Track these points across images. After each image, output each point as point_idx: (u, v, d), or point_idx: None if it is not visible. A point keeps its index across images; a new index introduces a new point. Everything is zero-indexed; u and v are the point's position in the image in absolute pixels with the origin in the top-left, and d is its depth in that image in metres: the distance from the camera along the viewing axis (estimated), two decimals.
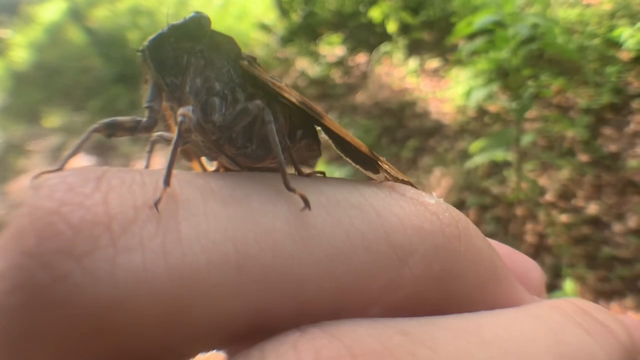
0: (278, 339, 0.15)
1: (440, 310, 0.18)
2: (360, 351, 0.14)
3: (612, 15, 2.09)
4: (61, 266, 0.13)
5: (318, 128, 0.26)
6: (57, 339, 0.13)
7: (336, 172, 1.42)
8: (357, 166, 0.25)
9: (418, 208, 0.19)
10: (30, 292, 0.13)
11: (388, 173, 0.25)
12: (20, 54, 4.96)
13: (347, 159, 0.25)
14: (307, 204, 0.17)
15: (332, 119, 0.24)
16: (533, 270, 0.24)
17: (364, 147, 0.24)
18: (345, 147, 0.25)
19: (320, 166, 0.27)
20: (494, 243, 0.22)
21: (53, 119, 3.90)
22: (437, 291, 0.18)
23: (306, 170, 0.24)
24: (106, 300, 0.13)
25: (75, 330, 0.13)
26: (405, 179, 0.24)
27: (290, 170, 0.23)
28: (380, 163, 0.25)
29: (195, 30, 0.22)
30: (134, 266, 0.14)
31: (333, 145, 0.25)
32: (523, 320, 0.18)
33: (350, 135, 0.24)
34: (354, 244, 0.17)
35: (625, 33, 1.98)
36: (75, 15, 4.45)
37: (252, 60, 0.24)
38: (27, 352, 0.13)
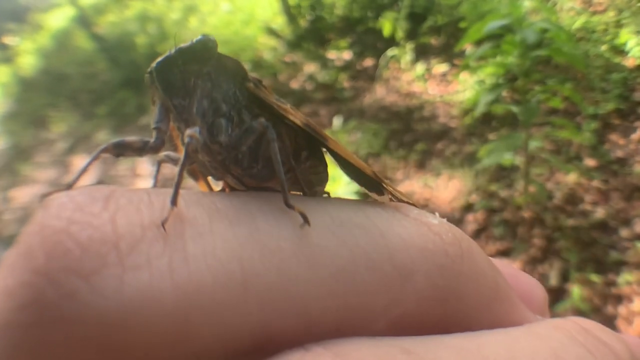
0: (282, 357, 0.15)
1: (443, 329, 0.18)
2: None
3: (618, 22, 2.11)
4: (69, 284, 0.14)
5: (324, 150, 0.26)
6: (65, 356, 0.14)
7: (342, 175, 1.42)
8: (362, 187, 0.26)
9: (421, 228, 0.19)
10: (38, 310, 0.13)
11: (392, 194, 0.25)
12: (28, 60, 4.99)
13: (352, 180, 0.26)
14: (306, 220, 0.17)
15: (336, 141, 0.24)
16: (536, 289, 0.24)
17: (368, 170, 0.25)
18: (350, 169, 0.25)
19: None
20: (497, 262, 0.22)
21: (60, 124, 3.92)
22: (440, 310, 0.18)
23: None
24: (113, 318, 0.14)
25: (83, 348, 0.14)
26: (410, 201, 0.25)
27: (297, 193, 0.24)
28: (384, 185, 0.25)
29: (202, 53, 0.23)
30: (141, 284, 0.14)
31: (338, 167, 0.26)
32: (525, 339, 0.18)
33: (354, 157, 0.24)
34: (358, 264, 0.17)
35: (631, 40, 1.99)
36: (83, 21, 4.47)
37: (258, 82, 0.24)
38: None
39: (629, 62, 1.99)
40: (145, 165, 2.82)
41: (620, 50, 2.03)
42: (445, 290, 0.18)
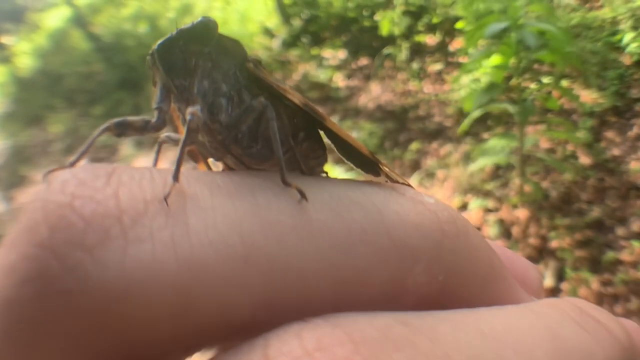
0: (282, 328, 0.15)
1: (439, 306, 0.18)
2: (361, 338, 0.14)
3: (614, 19, 2.10)
4: (73, 257, 0.14)
5: (321, 132, 0.26)
6: (68, 328, 0.14)
7: (341, 176, 1.42)
8: (359, 169, 0.26)
9: (418, 206, 0.19)
10: (42, 283, 0.13)
11: (388, 176, 0.25)
12: (25, 61, 5.00)
13: (349, 162, 0.26)
14: (303, 196, 0.18)
15: (333, 122, 0.24)
16: (531, 271, 0.24)
17: (365, 150, 0.25)
18: (347, 150, 0.25)
19: (326, 168, 0.28)
20: (492, 245, 0.22)
21: (57, 125, 3.92)
22: (435, 287, 0.18)
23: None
24: (116, 290, 0.14)
25: (86, 320, 0.14)
26: (405, 182, 0.24)
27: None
28: (381, 166, 0.25)
29: (203, 34, 0.23)
30: (143, 257, 0.14)
31: (335, 148, 0.26)
32: (521, 315, 0.18)
33: (351, 137, 0.24)
34: (355, 238, 0.17)
35: (627, 37, 1.99)
36: (79, 21, 4.48)
37: (258, 62, 0.24)
38: (39, 342, 0.14)
39: (626, 58, 1.98)
40: (142, 159, 2.82)
41: (616, 47, 2.02)
42: (441, 267, 0.18)
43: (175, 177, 0.17)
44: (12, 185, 3.41)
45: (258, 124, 0.24)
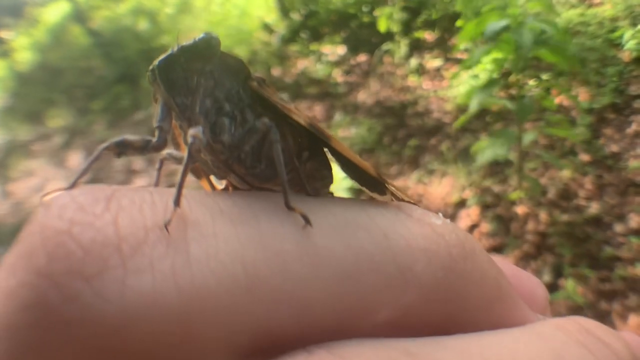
0: (285, 359, 0.15)
1: (445, 331, 0.18)
2: None
3: (614, 16, 2.09)
4: (71, 286, 0.14)
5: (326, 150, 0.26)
6: (67, 357, 0.14)
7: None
8: (364, 188, 0.25)
9: (425, 229, 0.19)
10: (40, 311, 0.13)
11: (394, 195, 0.25)
12: (24, 55, 4.98)
13: (353, 180, 0.25)
14: (307, 221, 0.17)
15: (339, 141, 0.24)
16: (537, 288, 0.24)
17: (370, 169, 0.24)
18: (352, 169, 0.25)
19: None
20: (498, 261, 0.22)
21: (56, 119, 3.91)
22: (442, 311, 0.18)
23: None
24: (115, 321, 0.14)
25: (84, 351, 0.14)
26: (412, 201, 0.24)
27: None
28: (386, 185, 0.25)
29: (205, 51, 0.23)
30: (143, 287, 0.14)
31: (340, 168, 0.25)
32: (527, 340, 0.18)
33: (357, 157, 0.24)
34: (362, 266, 0.17)
35: (627, 34, 1.98)
36: (78, 16, 4.47)
37: (262, 81, 0.24)
38: None
39: (625, 55, 1.97)
40: (141, 162, 2.81)
41: (616, 44, 2.02)
42: (448, 291, 0.18)
43: (177, 201, 0.16)
44: (11, 179, 3.41)
45: (262, 144, 0.23)
